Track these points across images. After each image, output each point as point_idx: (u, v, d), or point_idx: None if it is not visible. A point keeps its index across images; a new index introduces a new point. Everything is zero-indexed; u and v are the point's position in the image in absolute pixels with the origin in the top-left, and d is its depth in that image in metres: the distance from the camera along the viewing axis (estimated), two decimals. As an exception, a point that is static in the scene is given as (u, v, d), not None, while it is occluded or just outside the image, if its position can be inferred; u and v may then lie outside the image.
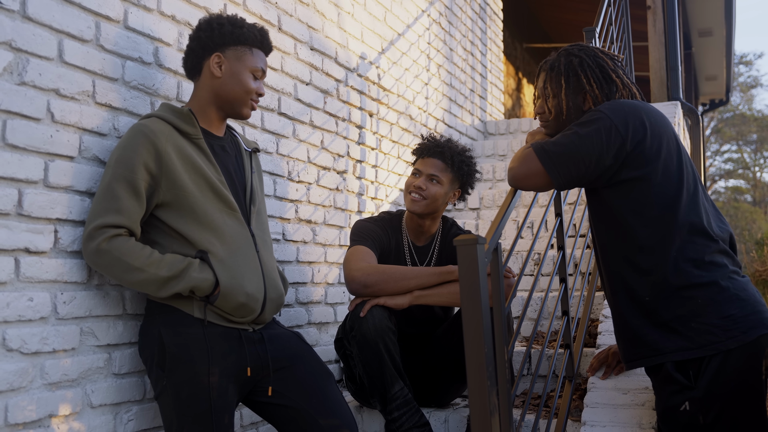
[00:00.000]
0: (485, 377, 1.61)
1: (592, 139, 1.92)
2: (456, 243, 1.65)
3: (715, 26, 8.76)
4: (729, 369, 1.83)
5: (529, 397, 2.17)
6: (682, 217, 1.91)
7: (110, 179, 1.99)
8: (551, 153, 1.95)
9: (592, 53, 2.10)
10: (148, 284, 1.98)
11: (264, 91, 2.26)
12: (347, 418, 2.22)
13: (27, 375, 1.85)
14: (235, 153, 2.29)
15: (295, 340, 2.29)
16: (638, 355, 1.97)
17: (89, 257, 1.97)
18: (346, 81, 3.49)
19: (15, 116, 1.86)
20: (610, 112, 1.95)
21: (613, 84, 2.08)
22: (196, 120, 2.14)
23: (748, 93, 27.27)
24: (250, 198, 2.25)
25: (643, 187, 1.93)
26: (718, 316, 1.85)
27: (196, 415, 2.00)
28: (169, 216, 2.06)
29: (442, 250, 2.87)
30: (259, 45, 2.23)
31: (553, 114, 2.13)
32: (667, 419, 1.92)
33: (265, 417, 2.24)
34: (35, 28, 1.92)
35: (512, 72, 9.35)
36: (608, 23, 4.22)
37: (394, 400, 2.49)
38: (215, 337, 2.06)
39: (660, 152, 1.94)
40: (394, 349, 2.53)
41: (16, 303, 1.84)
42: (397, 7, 4.12)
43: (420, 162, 2.80)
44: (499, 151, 4.99)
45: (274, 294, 2.20)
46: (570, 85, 2.08)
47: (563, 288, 2.57)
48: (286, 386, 2.19)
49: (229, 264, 2.07)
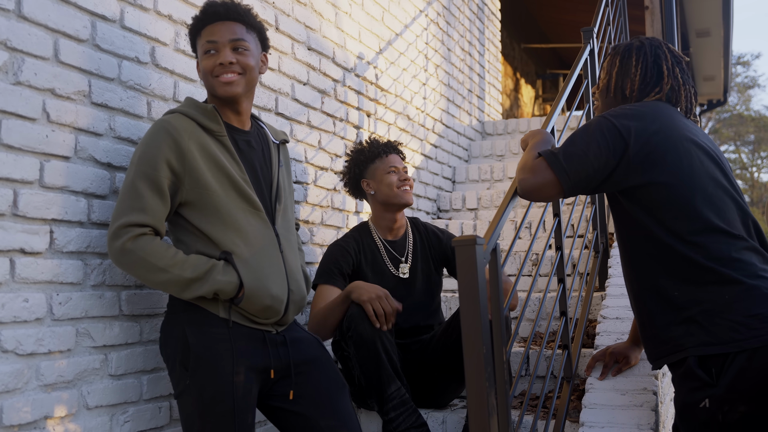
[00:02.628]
0: (483, 378, 1.60)
1: (598, 142, 1.92)
2: (454, 243, 1.64)
3: (713, 27, 8.76)
4: (752, 369, 1.82)
5: (527, 398, 2.16)
6: (698, 217, 1.91)
7: (133, 177, 1.97)
8: (560, 158, 1.95)
9: (657, 44, 2.13)
10: (171, 285, 1.97)
11: (230, 59, 2.08)
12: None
13: (22, 376, 1.84)
14: (261, 147, 2.24)
15: (315, 345, 2.25)
16: (662, 353, 1.96)
17: (114, 256, 1.96)
18: (343, 81, 3.48)
19: (10, 116, 1.85)
20: (615, 116, 1.96)
21: (662, 80, 2.08)
22: (220, 116, 2.11)
23: (746, 93, 27.31)
24: (276, 195, 2.21)
25: (656, 191, 1.93)
26: (744, 314, 1.84)
27: (219, 414, 1.98)
28: (192, 215, 2.04)
29: (417, 241, 2.99)
30: (216, 18, 2.11)
31: (600, 89, 2.19)
32: (686, 415, 1.90)
33: (272, 420, 2.21)
34: (31, 28, 1.91)
35: (510, 72, 9.35)
36: (606, 24, 4.21)
37: (390, 401, 2.49)
38: (240, 337, 2.04)
39: (666, 155, 1.93)
40: (391, 349, 2.52)
41: (11, 304, 1.83)
42: (395, 7, 4.11)
43: (387, 159, 2.95)
44: (497, 151, 4.98)
45: (298, 296, 2.18)
46: (622, 66, 2.13)
47: (561, 288, 2.56)
48: (300, 391, 2.16)
49: (253, 265, 2.04)
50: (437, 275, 3.00)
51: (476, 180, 4.73)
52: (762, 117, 26.83)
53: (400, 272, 2.89)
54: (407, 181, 2.92)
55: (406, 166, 2.98)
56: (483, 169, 4.70)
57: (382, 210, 2.94)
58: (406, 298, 2.85)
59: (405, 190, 2.90)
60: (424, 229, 3.04)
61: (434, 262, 2.99)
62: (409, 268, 2.92)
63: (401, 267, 2.90)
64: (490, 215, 4.34)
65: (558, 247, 2.57)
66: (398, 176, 2.91)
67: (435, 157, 4.53)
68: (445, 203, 4.51)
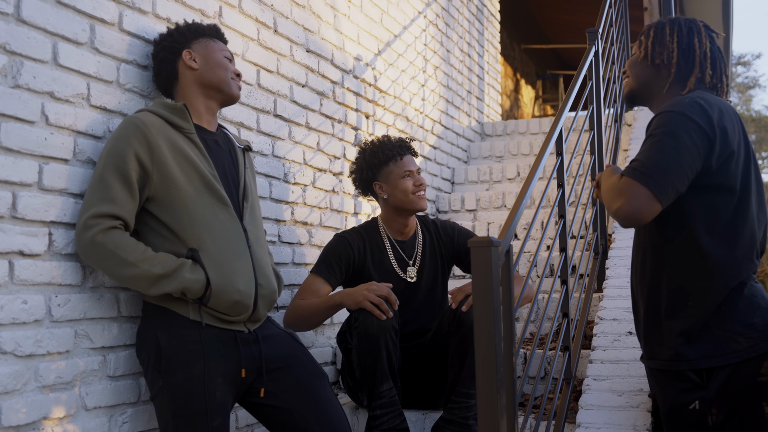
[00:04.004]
0: (495, 379, 1.61)
1: (687, 144, 1.80)
2: (470, 244, 1.64)
3: (713, 27, 8.76)
4: (743, 373, 1.83)
5: (532, 400, 2.17)
6: (738, 231, 1.89)
7: (102, 169, 1.99)
8: (649, 172, 1.78)
9: (690, 19, 2.08)
10: (139, 280, 1.98)
11: (240, 71, 2.33)
12: (340, 420, 2.23)
13: (21, 378, 1.85)
14: (228, 148, 2.30)
15: (289, 340, 2.30)
16: (658, 356, 1.93)
17: (82, 248, 1.96)
18: (342, 83, 3.49)
19: (9, 119, 1.86)
20: (691, 112, 1.83)
21: (695, 52, 2.01)
22: (189, 115, 2.15)
23: (747, 94, 27.29)
24: (243, 194, 2.25)
25: (718, 195, 1.86)
26: (741, 324, 1.84)
27: (190, 416, 2.01)
28: (160, 210, 2.06)
29: (427, 241, 2.93)
30: (215, 35, 2.32)
31: (634, 59, 2.09)
32: (673, 417, 1.90)
33: (259, 418, 2.25)
34: (29, 31, 1.92)
35: (510, 73, 9.35)
36: (609, 24, 4.22)
37: (380, 398, 2.50)
38: (211, 339, 2.07)
39: (732, 160, 1.87)
40: (393, 349, 2.53)
41: (10, 306, 1.84)
42: (394, 9, 4.12)
43: (402, 162, 2.88)
44: (496, 152, 4.99)
45: (267, 290, 2.20)
46: (656, 36, 2.05)
47: (564, 290, 2.56)
48: (279, 387, 2.19)
49: (219, 261, 2.07)
50: (445, 276, 2.95)
51: (475, 181, 4.74)
52: (763, 117, 26.81)
53: (408, 276, 2.85)
54: (422, 185, 2.85)
55: (419, 168, 2.93)
56: (482, 170, 4.71)
57: (394, 213, 2.88)
58: (413, 300, 2.83)
59: (420, 195, 2.84)
60: (434, 227, 2.96)
61: (443, 262, 2.93)
62: (417, 271, 2.87)
63: (409, 270, 2.86)
64: (490, 216, 4.35)
65: (562, 249, 2.58)
66: (413, 181, 2.84)
67: (434, 159, 4.54)
68: (444, 204, 4.51)
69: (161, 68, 2.25)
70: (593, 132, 3.40)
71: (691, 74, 2.01)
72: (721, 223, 1.87)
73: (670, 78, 2.02)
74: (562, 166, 2.58)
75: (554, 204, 2.50)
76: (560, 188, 2.57)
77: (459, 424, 2.49)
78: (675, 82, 2.03)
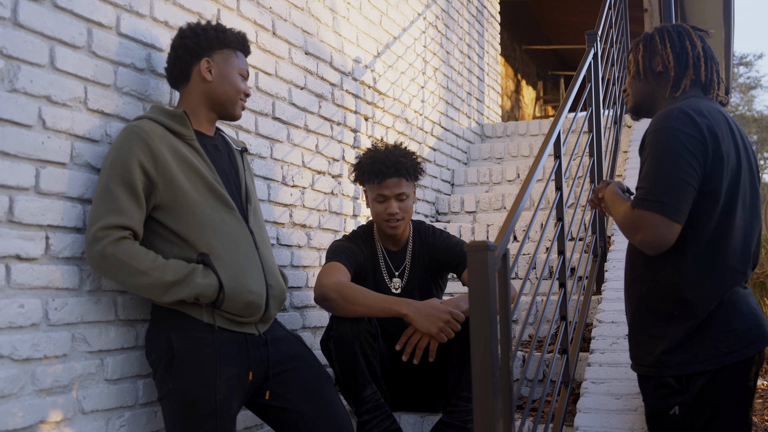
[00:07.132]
0: (491, 383, 1.61)
1: (684, 157, 1.83)
2: (467, 248, 1.64)
3: (714, 27, 8.74)
4: (722, 378, 1.84)
5: (529, 403, 2.17)
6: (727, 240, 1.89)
7: (107, 180, 1.99)
8: (658, 197, 1.82)
9: (678, 24, 2.09)
10: (152, 288, 1.99)
11: (250, 91, 2.33)
12: (346, 423, 2.26)
13: (18, 381, 1.86)
14: (227, 152, 2.31)
15: (296, 343, 2.32)
16: (641, 361, 1.95)
17: (94, 261, 1.97)
18: (341, 85, 3.49)
19: (6, 123, 1.86)
20: (680, 125, 1.86)
21: (688, 54, 2.03)
22: (189, 121, 2.16)
23: (748, 94, 27.27)
24: (246, 196, 2.26)
25: (708, 200, 1.87)
26: (721, 330, 1.85)
27: (199, 417, 2.02)
28: (167, 218, 2.06)
29: (417, 250, 2.85)
30: (241, 48, 2.30)
31: (631, 77, 2.12)
32: (655, 422, 1.92)
33: (265, 420, 2.27)
34: (27, 35, 1.92)
35: (511, 74, 9.35)
36: (608, 26, 4.22)
37: (365, 403, 2.50)
38: (223, 342, 2.08)
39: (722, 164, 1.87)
40: (370, 352, 2.51)
41: (6, 310, 1.84)
42: (393, 11, 4.12)
43: (378, 187, 2.72)
44: (496, 154, 4.99)
45: (277, 290, 2.22)
46: (646, 48, 2.08)
47: (563, 293, 2.56)
48: (286, 389, 2.21)
49: (230, 264, 2.08)
50: (438, 283, 2.91)
51: (475, 183, 4.73)
52: (764, 117, 26.79)
53: (392, 287, 2.82)
54: (394, 216, 2.70)
55: (403, 192, 2.72)
56: (482, 172, 4.71)
57: (378, 229, 2.85)
58: None
59: (391, 225, 2.72)
60: (426, 235, 2.88)
61: (434, 271, 2.87)
62: (405, 282, 2.83)
63: (394, 281, 2.82)
64: (489, 218, 4.35)
65: (560, 252, 2.58)
66: (386, 208, 2.70)
67: (433, 160, 4.54)
68: (444, 206, 4.51)
69: (176, 64, 2.22)
70: (592, 134, 3.40)
71: (684, 76, 2.04)
72: (706, 231, 1.87)
73: (670, 83, 2.05)
74: (560, 168, 2.58)
75: (552, 206, 2.50)
76: (558, 191, 2.57)
77: (458, 427, 2.49)
78: (672, 87, 2.05)
